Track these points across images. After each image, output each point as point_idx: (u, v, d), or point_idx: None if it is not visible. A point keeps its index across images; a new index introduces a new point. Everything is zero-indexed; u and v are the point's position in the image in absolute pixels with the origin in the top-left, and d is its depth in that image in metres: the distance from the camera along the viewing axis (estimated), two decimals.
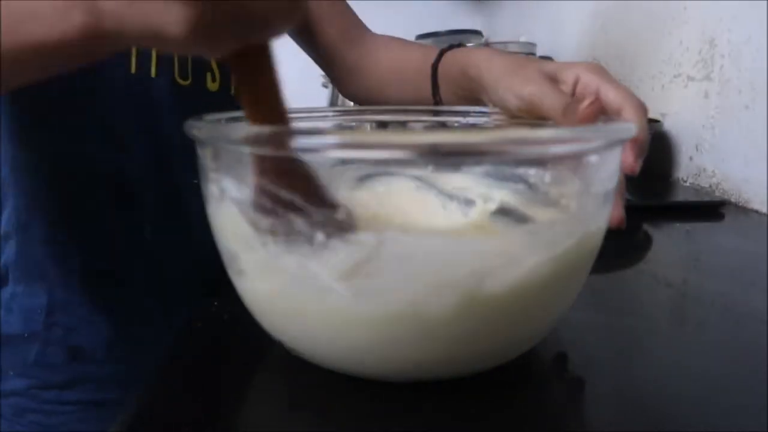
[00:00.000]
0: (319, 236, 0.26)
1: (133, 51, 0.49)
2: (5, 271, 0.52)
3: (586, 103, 0.35)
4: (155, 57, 0.50)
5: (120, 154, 0.50)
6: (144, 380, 0.30)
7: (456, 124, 0.43)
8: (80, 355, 0.51)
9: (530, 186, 0.35)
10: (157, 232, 0.53)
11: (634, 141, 0.39)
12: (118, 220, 0.51)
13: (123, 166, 0.51)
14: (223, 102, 0.55)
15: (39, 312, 0.51)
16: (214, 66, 0.55)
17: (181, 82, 0.52)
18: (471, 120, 0.43)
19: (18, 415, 0.52)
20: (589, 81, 0.42)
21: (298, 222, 0.26)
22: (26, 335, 0.51)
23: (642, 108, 0.41)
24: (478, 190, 0.37)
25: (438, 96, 0.56)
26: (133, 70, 0.50)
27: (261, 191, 0.27)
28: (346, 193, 0.36)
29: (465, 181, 0.37)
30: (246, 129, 0.27)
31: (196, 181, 0.51)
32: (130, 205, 0.51)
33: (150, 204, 0.52)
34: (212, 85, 0.55)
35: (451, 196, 0.38)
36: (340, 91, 0.71)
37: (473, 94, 0.49)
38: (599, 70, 0.43)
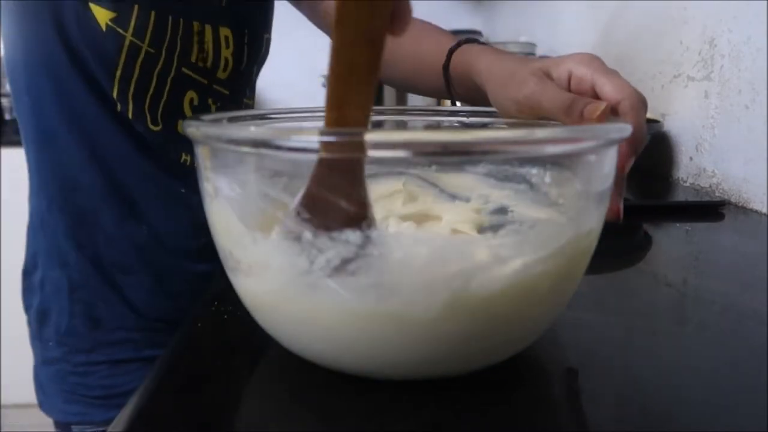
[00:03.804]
0: (307, 234, 0.26)
1: (115, 92, 0.56)
2: (36, 258, 0.63)
3: (598, 111, 0.35)
4: (132, 104, 0.57)
5: (115, 176, 0.59)
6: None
7: (457, 125, 0.43)
8: (100, 324, 0.61)
9: (531, 186, 0.35)
10: (152, 231, 0.61)
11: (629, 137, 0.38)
12: (116, 221, 0.60)
13: (118, 184, 0.59)
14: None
15: (65, 291, 0.61)
16: (187, 111, 0.61)
17: (152, 128, 0.59)
18: (472, 120, 0.43)
19: (62, 379, 0.63)
20: (583, 74, 0.41)
21: (287, 220, 0.26)
22: (57, 310, 0.61)
23: (639, 101, 0.39)
24: (480, 190, 0.37)
25: (453, 94, 0.56)
26: (119, 108, 0.57)
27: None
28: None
29: (467, 181, 0.38)
30: (240, 130, 0.27)
31: (183, 191, 0.62)
32: (127, 212, 0.60)
33: (142, 210, 0.61)
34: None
35: (453, 196, 0.38)
36: None
37: (482, 96, 0.49)
38: (592, 61, 0.42)
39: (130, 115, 0.57)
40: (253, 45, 0.65)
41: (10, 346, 0.68)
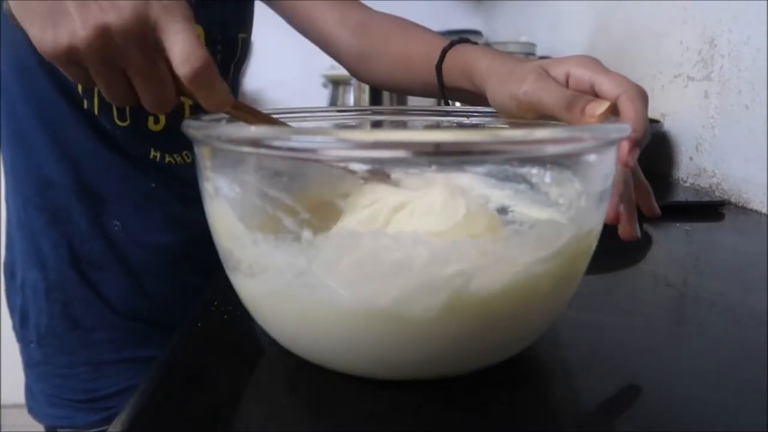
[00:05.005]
0: (306, 234, 0.26)
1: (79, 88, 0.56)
2: (16, 259, 0.63)
3: (601, 109, 0.35)
4: (97, 100, 0.57)
5: (86, 174, 0.60)
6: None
7: (458, 124, 0.43)
8: (78, 324, 0.62)
9: (531, 186, 0.35)
10: (124, 227, 0.62)
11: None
12: (89, 218, 0.61)
13: (88, 181, 0.60)
14: (166, 139, 0.62)
15: (41, 292, 0.61)
16: None
17: (119, 123, 0.59)
18: (474, 120, 0.43)
19: (46, 382, 0.63)
20: (581, 75, 0.41)
21: (286, 220, 0.26)
22: (36, 311, 0.62)
23: (638, 94, 0.39)
24: (480, 190, 0.37)
25: (445, 94, 0.55)
26: (85, 106, 0.57)
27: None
28: (348, 191, 0.36)
29: (468, 181, 0.38)
30: (240, 129, 0.27)
31: (153, 186, 0.61)
32: (98, 208, 0.61)
33: (114, 206, 0.61)
34: (155, 126, 0.61)
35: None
36: (354, 77, 0.71)
37: (479, 95, 0.49)
38: (590, 62, 0.41)
39: (95, 111, 0.57)
40: (227, 44, 0.64)
41: (10, 346, 0.69)
